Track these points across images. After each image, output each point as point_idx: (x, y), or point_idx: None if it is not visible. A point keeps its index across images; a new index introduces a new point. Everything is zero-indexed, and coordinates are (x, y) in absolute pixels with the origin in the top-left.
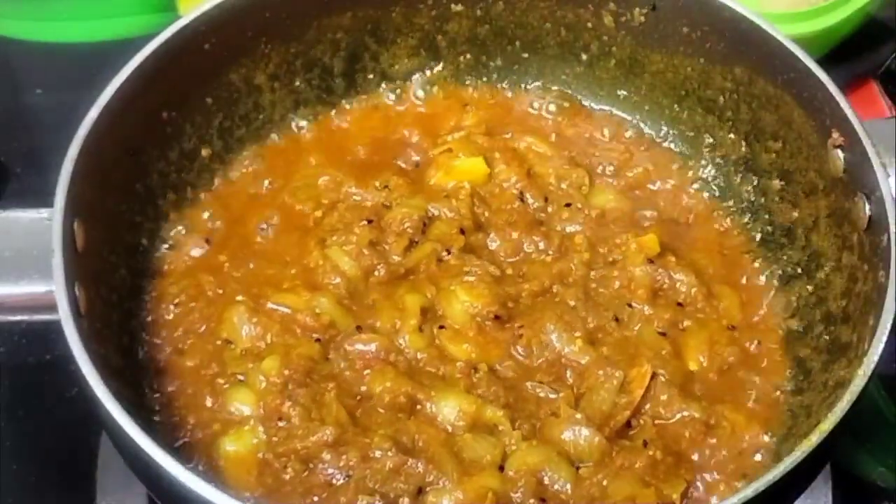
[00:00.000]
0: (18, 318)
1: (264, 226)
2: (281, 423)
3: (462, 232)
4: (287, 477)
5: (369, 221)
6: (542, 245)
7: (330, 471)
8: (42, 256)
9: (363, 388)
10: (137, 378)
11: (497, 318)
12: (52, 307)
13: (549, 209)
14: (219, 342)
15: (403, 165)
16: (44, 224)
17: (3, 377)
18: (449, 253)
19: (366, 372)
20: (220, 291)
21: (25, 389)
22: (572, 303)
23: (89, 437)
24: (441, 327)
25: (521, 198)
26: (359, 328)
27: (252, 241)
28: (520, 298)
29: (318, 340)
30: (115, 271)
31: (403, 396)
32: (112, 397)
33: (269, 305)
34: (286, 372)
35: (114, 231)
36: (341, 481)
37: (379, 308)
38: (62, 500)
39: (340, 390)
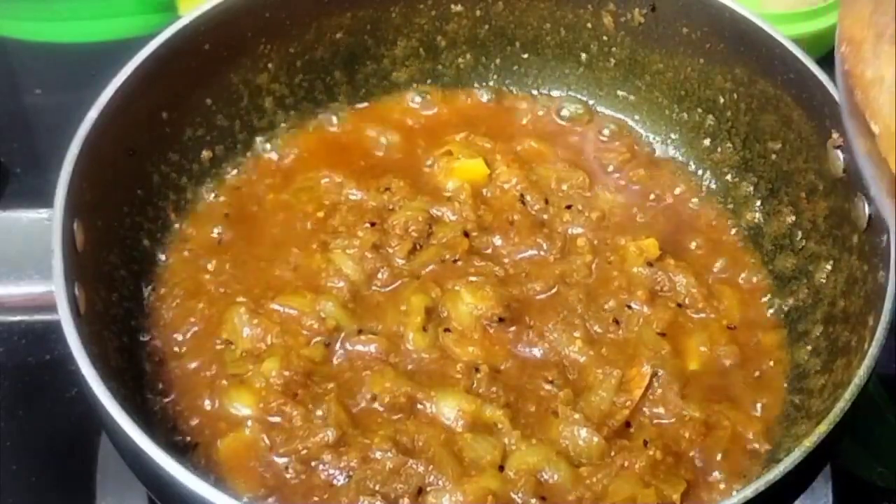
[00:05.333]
0: (18, 318)
1: (265, 227)
2: (281, 424)
3: (466, 235)
4: (288, 477)
5: (372, 224)
6: (545, 246)
7: (330, 471)
8: (42, 256)
9: (363, 389)
10: (137, 378)
11: (501, 320)
12: (52, 307)
13: (550, 211)
14: (219, 343)
15: (404, 167)
16: (44, 224)
17: (3, 377)
18: (456, 262)
19: (365, 373)
20: (221, 292)
21: (25, 389)
22: (574, 304)
23: (89, 437)
24: (447, 330)
25: (522, 200)
26: (360, 331)
27: (253, 242)
28: (523, 299)
29: (319, 342)
30: (115, 271)
31: (403, 397)
32: (112, 397)
33: (275, 307)
34: (286, 373)
35: (114, 231)
36: (342, 482)
37: (383, 310)
38: (62, 500)
39: (340, 391)
